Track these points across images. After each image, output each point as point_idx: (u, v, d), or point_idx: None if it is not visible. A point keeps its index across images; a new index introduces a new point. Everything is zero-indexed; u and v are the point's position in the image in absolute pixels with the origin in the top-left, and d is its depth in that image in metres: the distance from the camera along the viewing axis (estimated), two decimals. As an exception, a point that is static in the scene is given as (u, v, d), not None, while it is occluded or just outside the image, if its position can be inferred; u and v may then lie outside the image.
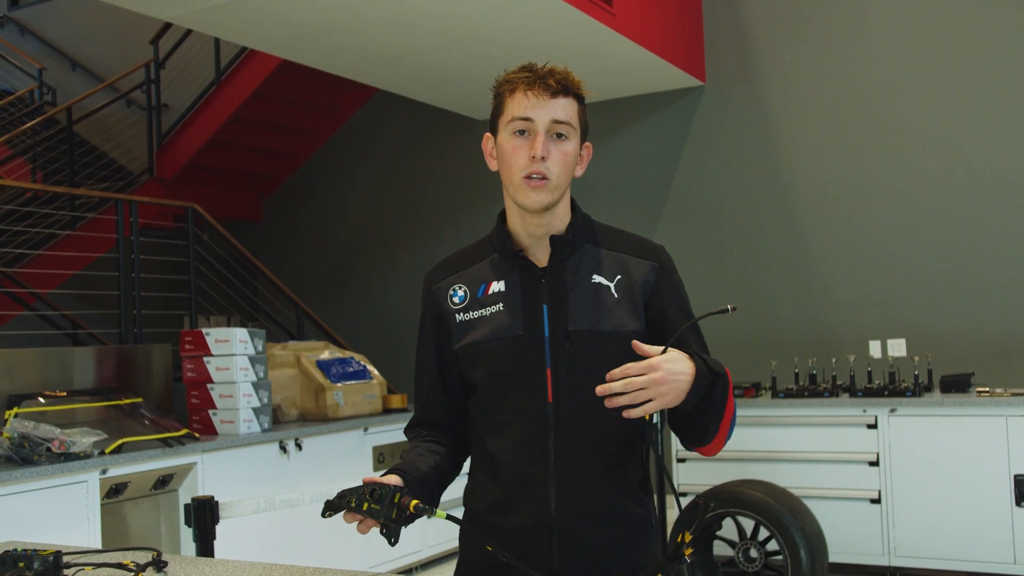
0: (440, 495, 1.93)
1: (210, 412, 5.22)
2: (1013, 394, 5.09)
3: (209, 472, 4.82)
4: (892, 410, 5.26)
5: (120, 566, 1.94)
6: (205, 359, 5.26)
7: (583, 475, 1.84)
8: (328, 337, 7.46)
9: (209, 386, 5.23)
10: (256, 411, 5.24)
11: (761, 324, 7.17)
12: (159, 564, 1.96)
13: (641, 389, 1.66)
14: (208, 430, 5.20)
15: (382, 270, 8.95)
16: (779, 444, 5.50)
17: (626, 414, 1.68)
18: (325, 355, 6.02)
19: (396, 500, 1.65)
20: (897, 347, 5.79)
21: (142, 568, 1.90)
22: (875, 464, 5.26)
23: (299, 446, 5.32)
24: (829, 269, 7.01)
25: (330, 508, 1.69)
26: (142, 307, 6.31)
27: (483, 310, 1.91)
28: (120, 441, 4.44)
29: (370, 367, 6.20)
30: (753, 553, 4.89)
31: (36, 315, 7.51)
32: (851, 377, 5.60)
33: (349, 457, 5.65)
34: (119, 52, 10.06)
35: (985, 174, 6.55)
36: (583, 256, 1.91)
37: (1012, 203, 6.47)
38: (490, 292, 1.91)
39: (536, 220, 1.88)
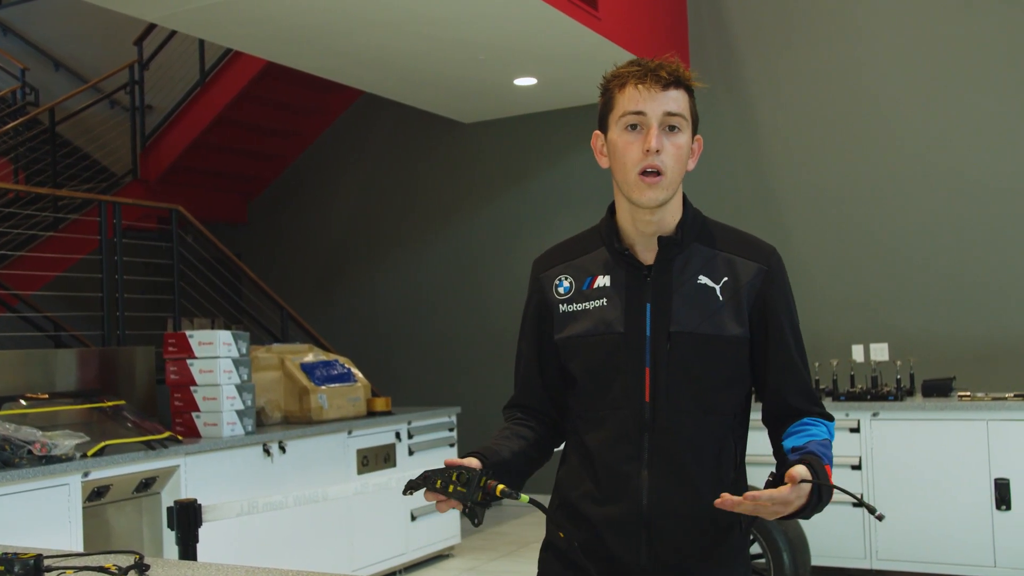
0: (522, 483, 1.91)
1: (193, 415, 5.20)
2: (994, 398, 5.13)
3: (192, 475, 4.80)
4: (874, 414, 5.29)
5: (102, 570, 1.93)
6: (188, 361, 5.24)
7: (676, 475, 1.83)
8: (312, 340, 7.44)
9: (192, 388, 5.21)
10: (240, 414, 5.22)
11: (745, 328, 7.19)
12: (141, 567, 1.95)
13: (776, 507, 1.67)
14: (191, 432, 5.18)
15: (367, 273, 8.94)
16: (761, 447, 5.50)
17: (757, 513, 1.68)
18: (309, 358, 6.01)
19: (482, 483, 1.67)
20: (880, 351, 5.83)
21: (124, 572, 1.89)
22: (857, 468, 5.29)
23: (283, 449, 5.30)
24: (813, 273, 7.04)
25: (412, 487, 1.70)
26: (125, 309, 6.28)
27: (587, 303, 1.90)
28: (102, 444, 4.41)
29: (354, 370, 6.19)
30: (736, 556, 4.90)
31: (18, 316, 7.46)
32: (834, 381, 5.63)
33: (333, 460, 5.64)
34: (103, 53, 10.02)
35: (970, 180, 6.60)
36: (691, 255, 1.89)
37: (996, 209, 6.52)
38: (595, 286, 1.90)
39: (647, 217, 1.86)
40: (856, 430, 5.30)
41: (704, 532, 1.85)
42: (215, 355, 5.20)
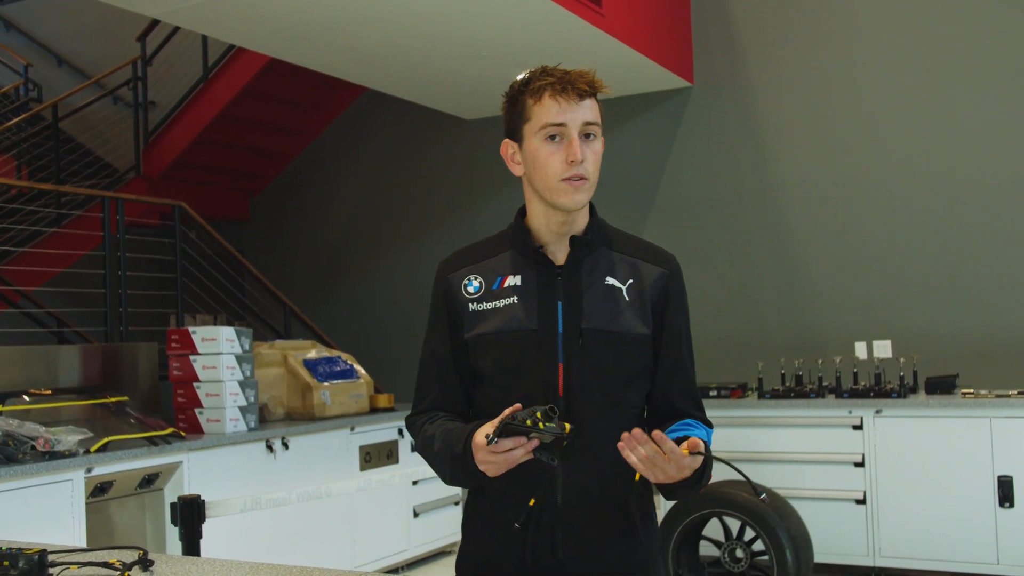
0: None
1: (196, 411, 5.20)
2: (997, 395, 5.12)
3: (195, 471, 4.80)
4: (878, 411, 5.28)
5: (106, 565, 1.93)
6: (191, 357, 5.24)
7: (590, 468, 1.88)
8: (315, 336, 7.44)
9: (195, 384, 5.21)
10: (243, 410, 5.23)
11: (747, 325, 7.19)
12: (145, 563, 1.95)
13: (672, 466, 1.72)
14: (194, 429, 5.18)
15: (370, 269, 8.94)
16: (765, 445, 5.51)
17: (651, 475, 1.74)
18: (312, 354, 6.01)
19: (555, 425, 1.71)
20: (883, 348, 5.82)
21: (128, 567, 1.89)
22: (860, 465, 5.29)
23: (286, 445, 5.31)
24: (816, 270, 7.04)
25: (500, 433, 1.71)
26: (128, 305, 6.29)
27: (497, 302, 1.94)
28: (105, 440, 4.42)
29: (357, 366, 6.19)
30: (739, 553, 4.91)
31: (21, 313, 7.47)
32: (837, 378, 5.62)
33: (336, 456, 5.65)
34: (106, 49, 10.02)
35: (972, 177, 6.59)
36: (598, 258, 1.96)
37: (998, 206, 6.51)
38: (505, 285, 1.95)
39: (561, 218, 1.92)
40: (859, 427, 5.30)
41: (617, 523, 1.92)
42: (218, 351, 5.20)
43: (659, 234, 7.40)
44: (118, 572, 1.84)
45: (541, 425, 1.69)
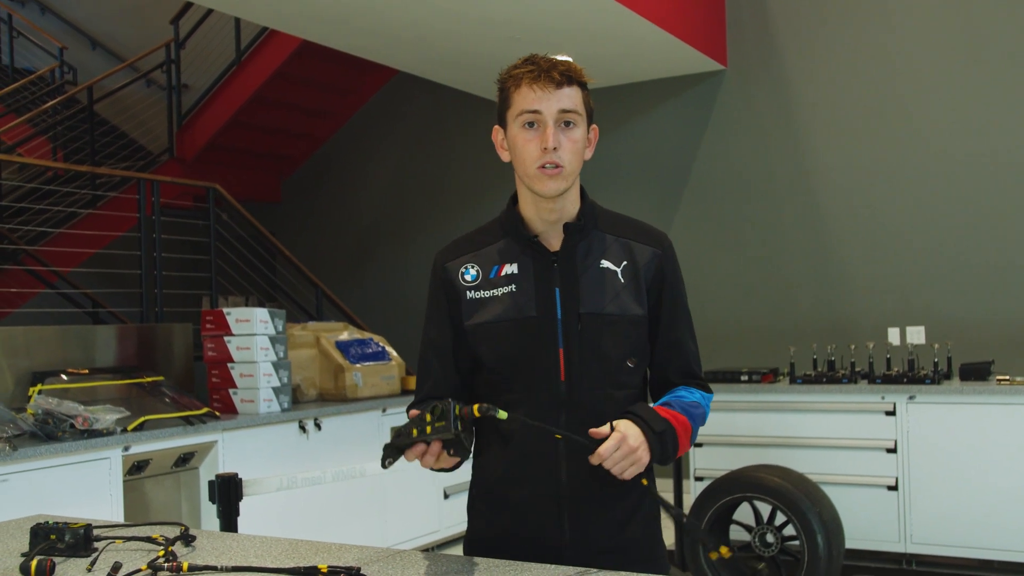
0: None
1: (230, 391, 5.25)
2: (1033, 382, 5.07)
3: (229, 450, 4.86)
4: (911, 397, 5.25)
5: (149, 540, 1.97)
6: (226, 338, 5.29)
7: (592, 448, 1.87)
8: (347, 318, 7.48)
9: (229, 365, 5.27)
10: (276, 391, 5.28)
11: (780, 310, 7.16)
12: (187, 538, 1.98)
13: (623, 461, 1.79)
14: (228, 409, 5.24)
15: (401, 251, 8.97)
16: (797, 430, 5.49)
17: (621, 477, 1.80)
18: (344, 336, 6.05)
19: (457, 412, 1.67)
20: (916, 334, 5.77)
21: (171, 542, 1.92)
22: (893, 451, 5.26)
23: (318, 426, 5.35)
24: (849, 255, 6.98)
25: (390, 454, 1.71)
26: (163, 286, 6.35)
27: (495, 290, 1.96)
28: (142, 419, 4.48)
29: (388, 348, 6.22)
30: (770, 538, 4.90)
31: (57, 293, 7.57)
32: (870, 364, 5.59)
33: (367, 437, 5.68)
34: (139, 32, 10.09)
35: (1008, 162, 6.50)
36: (592, 242, 1.98)
37: (1035, 191, 6.42)
38: (503, 273, 1.97)
39: (549, 206, 1.95)
40: (892, 413, 5.26)
41: (620, 505, 1.94)
42: (252, 332, 5.25)
43: (690, 218, 7.37)
44: (161, 547, 1.87)
45: (428, 429, 1.66)
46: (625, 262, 1.97)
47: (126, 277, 7.26)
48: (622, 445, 1.78)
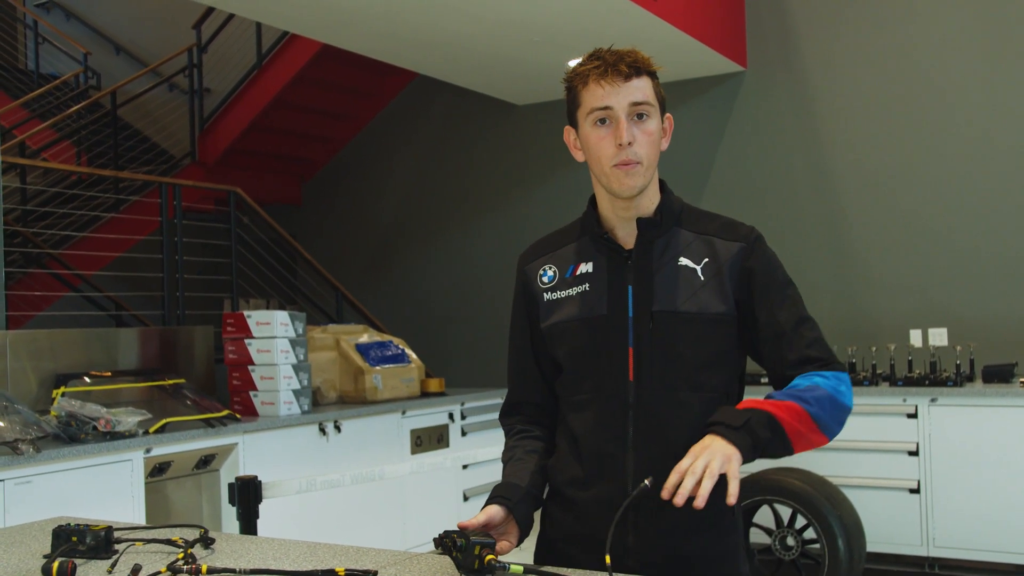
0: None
1: (251, 393, 5.29)
2: (1057, 385, 5.03)
3: (250, 453, 4.89)
4: (933, 400, 5.21)
5: (169, 542, 1.99)
6: (247, 341, 5.33)
7: (661, 454, 1.81)
8: (367, 321, 7.51)
9: (250, 368, 5.30)
10: (296, 393, 5.30)
11: (800, 312, 7.11)
12: (207, 541, 2.00)
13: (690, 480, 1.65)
14: (249, 411, 5.27)
15: (421, 255, 8.99)
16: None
17: (702, 494, 1.65)
18: (364, 338, 6.07)
19: (477, 552, 1.71)
20: (939, 336, 5.74)
21: (190, 544, 1.94)
22: (915, 454, 5.23)
23: (338, 428, 5.38)
24: (870, 256, 6.94)
25: (437, 545, 1.77)
26: (184, 289, 6.39)
27: (570, 290, 1.94)
28: (164, 421, 4.51)
29: (408, 351, 6.24)
30: (790, 541, 4.88)
31: (81, 296, 7.64)
32: (891, 366, 5.55)
33: (387, 440, 5.70)
34: (162, 37, 10.17)
35: (1032, 162, 6.45)
36: (671, 238, 1.92)
37: (1059, 191, 6.36)
38: (578, 273, 1.95)
39: (626, 203, 1.90)
40: (914, 415, 5.23)
41: (692, 512, 1.70)
42: (272, 335, 5.28)
43: (711, 220, 7.33)
44: (181, 549, 1.89)
45: (454, 553, 1.71)
46: (707, 259, 1.90)
47: (148, 280, 7.32)
48: (692, 461, 1.67)
